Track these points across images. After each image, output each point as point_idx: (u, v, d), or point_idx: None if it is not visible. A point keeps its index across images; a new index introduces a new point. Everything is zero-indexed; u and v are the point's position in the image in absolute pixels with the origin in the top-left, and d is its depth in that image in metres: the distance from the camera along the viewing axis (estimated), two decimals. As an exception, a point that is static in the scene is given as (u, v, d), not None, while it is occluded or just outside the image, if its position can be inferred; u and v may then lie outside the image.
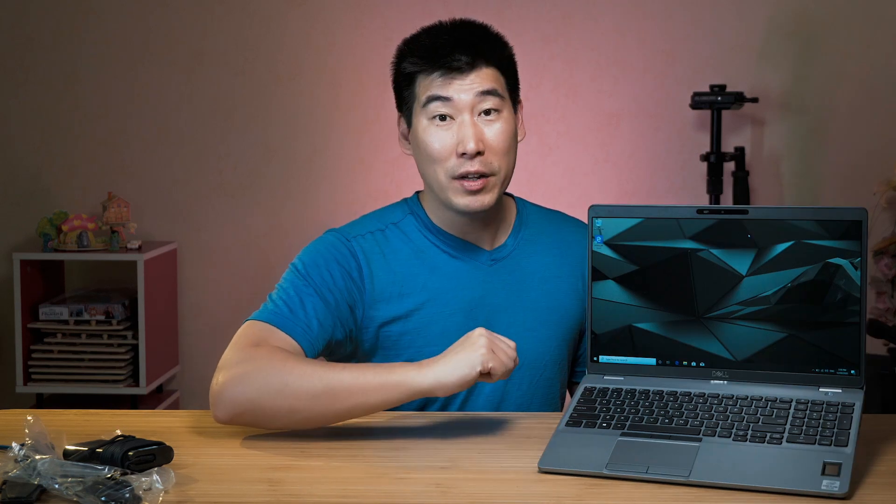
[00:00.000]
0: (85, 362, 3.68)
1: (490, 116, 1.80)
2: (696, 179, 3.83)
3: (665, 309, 1.66)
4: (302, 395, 1.61)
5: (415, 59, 1.82)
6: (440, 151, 1.80)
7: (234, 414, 1.63)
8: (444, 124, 1.80)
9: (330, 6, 3.90)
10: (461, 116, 1.79)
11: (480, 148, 1.78)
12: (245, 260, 3.98)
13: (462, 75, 1.79)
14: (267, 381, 1.62)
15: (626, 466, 1.47)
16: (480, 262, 1.88)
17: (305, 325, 1.75)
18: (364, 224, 1.91)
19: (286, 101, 3.93)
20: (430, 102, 1.80)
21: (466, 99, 1.79)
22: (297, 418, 1.63)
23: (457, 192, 1.81)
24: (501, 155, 1.81)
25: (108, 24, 3.94)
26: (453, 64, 1.79)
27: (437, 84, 1.80)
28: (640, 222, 1.68)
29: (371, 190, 3.89)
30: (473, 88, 1.79)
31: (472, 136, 1.78)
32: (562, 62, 3.87)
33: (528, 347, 1.87)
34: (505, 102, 1.82)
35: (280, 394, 1.61)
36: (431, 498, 1.42)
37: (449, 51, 1.80)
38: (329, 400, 1.61)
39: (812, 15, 3.80)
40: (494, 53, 1.83)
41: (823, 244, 1.59)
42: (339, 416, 1.64)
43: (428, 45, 1.82)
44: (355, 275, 1.84)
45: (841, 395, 1.56)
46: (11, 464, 1.40)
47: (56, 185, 3.98)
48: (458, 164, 1.79)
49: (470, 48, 1.80)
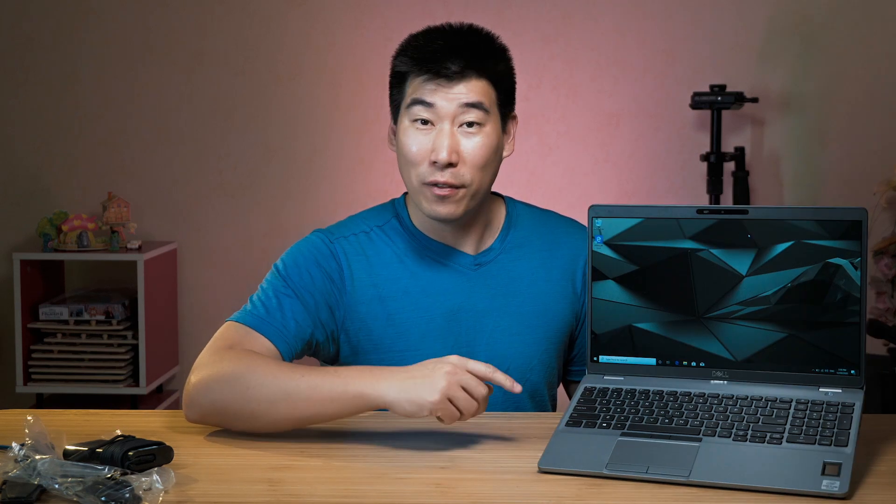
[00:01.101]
0: (85, 362, 3.68)
1: (471, 129, 1.79)
2: (696, 179, 3.83)
3: (665, 309, 1.66)
4: (262, 400, 1.61)
5: (406, 59, 1.82)
6: (415, 155, 1.79)
7: (202, 416, 1.67)
8: (425, 129, 1.79)
9: (330, 6, 3.90)
10: (441, 124, 1.78)
11: (453, 159, 1.77)
12: (245, 260, 3.98)
13: (449, 83, 1.77)
14: (231, 387, 1.63)
15: (626, 466, 1.47)
16: (464, 267, 1.88)
17: (282, 327, 1.76)
18: (349, 226, 1.91)
19: (286, 101, 3.93)
20: (413, 105, 1.79)
21: (449, 108, 1.78)
22: (259, 423, 1.63)
23: (427, 198, 1.80)
24: (476, 168, 1.79)
25: (108, 24, 3.94)
26: (442, 70, 1.77)
27: (424, 88, 1.78)
28: (640, 222, 1.68)
29: (371, 190, 3.89)
30: (458, 98, 1.77)
31: (445, 147, 1.76)
32: (562, 62, 3.87)
33: (514, 352, 1.87)
34: (490, 116, 1.80)
35: (242, 398, 1.62)
36: (431, 498, 1.42)
37: (441, 56, 1.78)
38: (287, 407, 1.61)
39: (812, 15, 3.80)
40: (488, 65, 1.80)
41: (823, 244, 1.59)
42: (299, 422, 1.63)
43: (423, 47, 1.81)
44: (335, 276, 1.84)
45: (841, 395, 1.56)
46: (11, 464, 1.40)
47: (56, 185, 3.98)
48: (430, 170, 1.78)
49: (462, 57, 1.78)
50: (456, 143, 1.78)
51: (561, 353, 1.94)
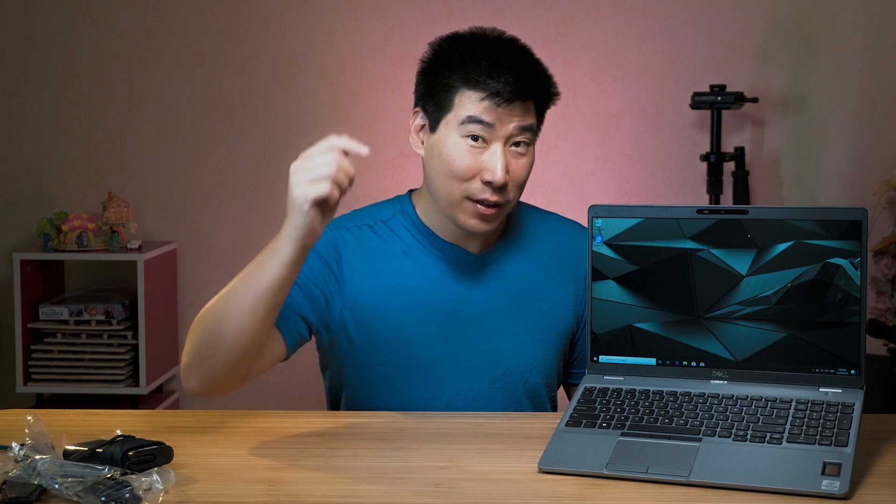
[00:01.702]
0: (85, 362, 3.68)
1: (520, 149, 1.79)
2: (696, 179, 3.83)
3: (665, 309, 1.66)
4: (216, 320, 1.66)
5: (463, 71, 1.78)
6: (466, 171, 1.78)
7: (195, 380, 1.69)
8: (478, 146, 1.77)
9: (330, 6, 3.90)
10: (495, 144, 1.77)
11: (507, 180, 1.77)
12: (245, 260, 3.90)
13: (508, 105, 1.76)
14: (192, 338, 1.69)
15: (626, 466, 1.47)
16: (467, 265, 1.88)
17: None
18: (352, 218, 1.91)
19: (286, 101, 3.93)
20: (470, 122, 1.76)
21: (506, 129, 1.77)
22: (235, 335, 1.65)
23: (467, 212, 1.80)
24: (518, 188, 1.81)
25: (108, 24, 3.93)
26: (504, 91, 1.75)
27: (482, 106, 1.76)
28: (640, 222, 1.68)
29: (371, 190, 3.88)
30: (515, 121, 1.77)
31: (502, 168, 1.76)
32: (562, 62, 3.87)
33: (515, 352, 1.87)
34: (535, 137, 1.82)
35: (206, 332, 1.67)
36: (431, 498, 1.42)
37: (502, 75, 1.76)
38: (235, 304, 1.65)
39: (812, 15, 3.80)
40: (540, 90, 1.81)
41: (823, 244, 1.59)
42: (261, 308, 1.64)
43: (476, 62, 1.77)
44: (333, 265, 1.84)
45: (841, 395, 1.56)
46: (11, 464, 1.40)
47: (56, 185, 3.98)
48: (480, 189, 1.78)
49: (521, 78, 1.77)
50: (508, 163, 1.78)
51: (562, 354, 1.94)
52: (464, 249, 1.88)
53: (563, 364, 1.97)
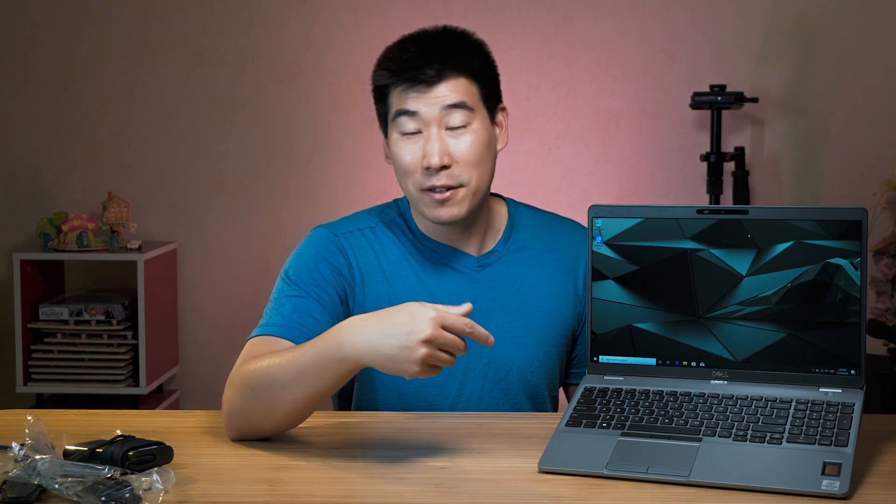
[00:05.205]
0: (85, 362, 3.68)
1: (459, 129, 1.79)
2: (696, 179, 3.83)
3: (665, 309, 1.66)
4: (266, 398, 1.60)
5: (385, 72, 1.82)
6: (409, 164, 1.80)
7: (236, 433, 1.65)
8: (413, 137, 1.79)
9: (330, 6, 3.90)
10: (428, 130, 1.78)
11: (446, 162, 1.77)
12: (245, 260, 3.98)
13: (429, 88, 1.77)
14: (242, 397, 1.63)
15: (626, 466, 1.47)
16: (467, 268, 1.88)
17: (301, 325, 1.75)
18: (353, 221, 1.91)
19: (286, 101, 3.93)
20: (398, 116, 1.80)
21: (432, 112, 1.78)
22: (282, 412, 1.61)
23: (428, 204, 1.80)
24: (470, 167, 1.79)
25: (108, 24, 3.94)
26: (420, 77, 1.77)
27: (405, 98, 1.79)
28: (640, 222, 1.68)
29: (371, 190, 3.89)
30: (440, 102, 1.77)
31: (436, 151, 1.76)
32: (562, 62, 3.87)
33: (516, 354, 1.87)
34: (475, 113, 1.80)
35: (253, 402, 1.62)
36: (431, 498, 1.42)
37: (416, 63, 1.78)
38: (288, 392, 1.59)
39: (812, 15, 3.80)
40: (463, 63, 1.80)
41: (823, 244, 1.59)
42: (312, 397, 1.61)
43: (398, 58, 1.80)
44: (345, 271, 1.84)
45: (841, 395, 1.56)
46: (11, 464, 1.40)
47: (56, 185, 3.98)
48: (425, 177, 1.79)
49: (437, 60, 1.78)
50: (445, 145, 1.78)
51: (562, 355, 1.94)
52: (462, 252, 1.88)
53: (564, 364, 1.96)
